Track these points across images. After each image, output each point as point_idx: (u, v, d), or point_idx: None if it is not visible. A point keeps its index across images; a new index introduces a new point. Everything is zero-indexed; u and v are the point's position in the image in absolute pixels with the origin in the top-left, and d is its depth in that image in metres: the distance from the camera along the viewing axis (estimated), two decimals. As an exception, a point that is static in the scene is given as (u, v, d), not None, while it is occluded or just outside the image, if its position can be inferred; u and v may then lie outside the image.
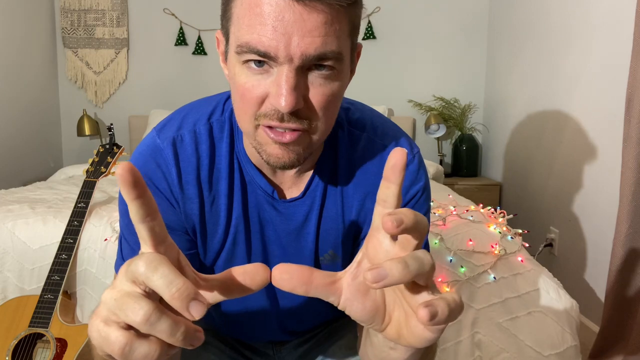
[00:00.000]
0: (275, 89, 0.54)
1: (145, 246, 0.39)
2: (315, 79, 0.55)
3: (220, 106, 0.71)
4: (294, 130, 0.57)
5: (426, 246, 0.74)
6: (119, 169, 0.36)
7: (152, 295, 0.37)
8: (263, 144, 0.59)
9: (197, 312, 0.35)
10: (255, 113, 0.57)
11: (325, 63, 0.54)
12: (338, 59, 0.55)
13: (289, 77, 0.53)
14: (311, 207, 0.71)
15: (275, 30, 0.51)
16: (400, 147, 0.40)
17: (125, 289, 0.37)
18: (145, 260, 0.36)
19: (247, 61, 0.55)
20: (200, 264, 0.73)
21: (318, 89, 0.56)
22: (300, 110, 0.56)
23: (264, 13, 0.51)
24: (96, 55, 3.15)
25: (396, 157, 0.39)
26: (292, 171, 0.69)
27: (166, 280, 0.35)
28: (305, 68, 0.54)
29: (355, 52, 0.62)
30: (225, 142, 0.69)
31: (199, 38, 3.13)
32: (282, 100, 0.53)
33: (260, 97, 0.56)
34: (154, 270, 0.35)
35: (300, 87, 0.54)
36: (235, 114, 0.61)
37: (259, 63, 0.54)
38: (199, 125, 0.69)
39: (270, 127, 0.57)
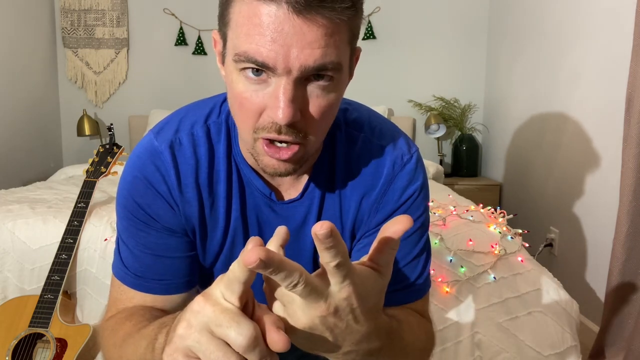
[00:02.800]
0: (272, 101, 0.53)
1: (232, 296, 0.40)
2: (313, 90, 0.55)
3: (217, 108, 0.70)
4: (290, 143, 0.57)
5: (426, 245, 0.74)
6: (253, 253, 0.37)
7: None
8: (260, 155, 0.59)
9: None
10: (254, 125, 0.57)
11: (325, 73, 0.54)
12: (337, 69, 0.55)
13: (286, 90, 0.52)
14: (309, 208, 0.70)
15: (274, 41, 0.51)
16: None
17: (208, 337, 0.39)
18: (246, 336, 0.38)
19: (244, 69, 0.54)
20: (200, 266, 0.73)
21: (316, 101, 0.56)
22: (297, 122, 0.55)
23: (263, 24, 0.51)
24: (96, 55, 3.15)
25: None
26: None
27: (262, 358, 0.39)
28: (303, 79, 0.54)
29: (354, 57, 0.62)
30: (222, 144, 0.68)
31: (199, 38, 3.13)
32: (280, 113, 0.52)
33: (259, 109, 0.55)
34: (254, 346, 0.38)
35: (298, 99, 0.54)
36: (235, 120, 0.61)
37: (257, 72, 0.54)
38: (197, 128, 0.68)
39: (268, 141, 0.57)
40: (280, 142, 0.57)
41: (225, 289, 0.40)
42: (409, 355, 0.60)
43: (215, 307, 0.39)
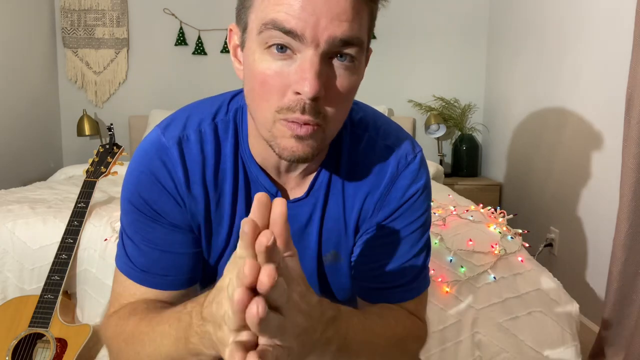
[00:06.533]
0: (299, 74, 0.53)
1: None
2: (337, 68, 0.56)
3: (225, 106, 0.70)
4: (310, 124, 0.57)
5: (426, 244, 0.74)
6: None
7: None
8: (278, 137, 0.58)
9: None
10: (276, 105, 0.56)
11: (349, 50, 0.55)
12: (361, 47, 0.56)
13: (314, 62, 0.53)
14: (314, 207, 0.71)
15: (304, 9, 0.52)
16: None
17: None
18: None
19: (269, 46, 0.54)
20: (204, 262, 0.73)
21: (339, 80, 0.56)
22: (320, 100, 0.55)
23: None
24: (96, 55, 3.15)
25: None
26: (297, 172, 0.69)
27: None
28: (328, 56, 0.55)
29: (368, 55, 0.62)
30: (230, 142, 0.68)
31: (199, 38, 3.13)
32: (307, 85, 0.52)
33: (282, 87, 0.55)
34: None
35: (323, 75, 0.54)
36: (253, 103, 0.60)
37: (282, 49, 0.54)
38: (204, 125, 0.68)
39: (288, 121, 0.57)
40: (302, 123, 0.57)
41: None
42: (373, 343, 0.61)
43: None
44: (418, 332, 0.72)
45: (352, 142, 0.71)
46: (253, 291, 0.39)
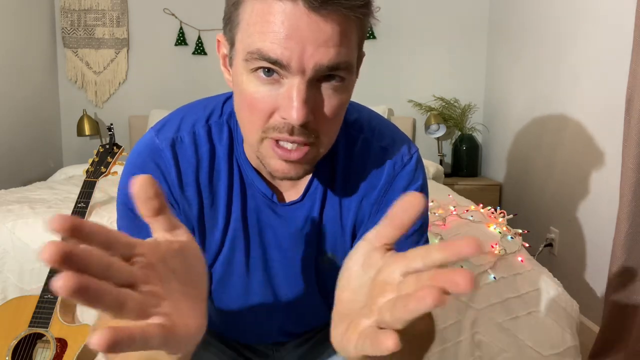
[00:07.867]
0: (286, 101, 0.53)
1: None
2: (325, 90, 0.55)
3: (219, 109, 0.70)
4: (301, 144, 0.56)
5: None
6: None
7: None
8: (267, 157, 0.59)
9: None
10: (263, 126, 0.56)
11: (337, 74, 0.54)
12: (349, 69, 0.55)
13: (300, 90, 0.52)
14: (310, 210, 0.70)
15: (289, 38, 0.51)
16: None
17: None
18: None
19: (256, 69, 0.54)
20: None
21: (328, 102, 0.56)
22: (310, 123, 0.55)
23: (277, 21, 0.51)
24: (96, 55, 3.15)
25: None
26: None
27: None
28: (315, 80, 0.54)
29: (360, 60, 0.62)
30: (224, 144, 0.68)
31: (199, 38, 3.13)
32: (294, 113, 0.52)
33: (270, 109, 0.55)
34: None
35: (310, 100, 0.54)
36: (241, 122, 0.61)
37: (268, 72, 0.53)
38: (198, 127, 0.68)
39: (277, 142, 0.57)
40: (292, 143, 0.56)
41: None
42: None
43: None
44: (426, 328, 0.73)
45: (347, 144, 0.71)
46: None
